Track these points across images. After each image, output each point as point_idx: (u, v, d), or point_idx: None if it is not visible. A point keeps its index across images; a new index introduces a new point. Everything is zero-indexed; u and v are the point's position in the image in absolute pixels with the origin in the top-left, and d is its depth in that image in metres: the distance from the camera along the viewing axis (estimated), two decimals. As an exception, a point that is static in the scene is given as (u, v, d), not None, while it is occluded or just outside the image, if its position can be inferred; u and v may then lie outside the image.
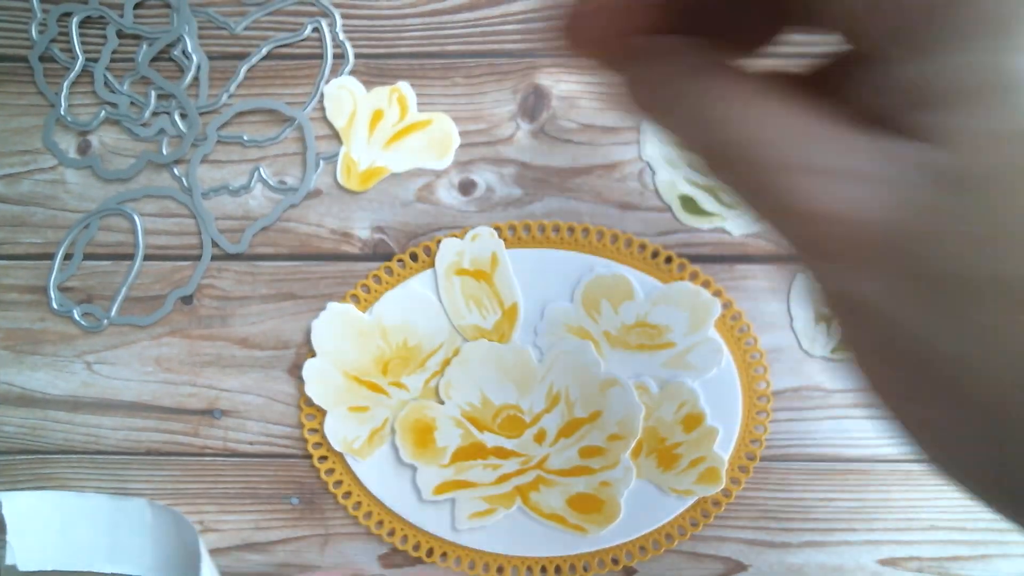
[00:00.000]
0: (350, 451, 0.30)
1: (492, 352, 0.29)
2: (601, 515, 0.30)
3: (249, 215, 0.31)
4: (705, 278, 0.30)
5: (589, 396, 0.29)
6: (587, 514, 0.30)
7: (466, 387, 0.30)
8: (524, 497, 0.30)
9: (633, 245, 0.30)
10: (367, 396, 0.30)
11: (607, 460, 0.30)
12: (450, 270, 0.30)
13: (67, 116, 0.31)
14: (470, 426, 0.30)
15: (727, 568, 0.31)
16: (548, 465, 0.30)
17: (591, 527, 0.30)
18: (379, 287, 0.30)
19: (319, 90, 0.31)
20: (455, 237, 0.30)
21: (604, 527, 0.30)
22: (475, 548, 0.31)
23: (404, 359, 0.30)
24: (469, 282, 0.30)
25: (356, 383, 0.30)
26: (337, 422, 0.30)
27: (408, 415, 0.30)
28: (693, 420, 0.30)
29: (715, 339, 0.30)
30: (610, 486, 0.30)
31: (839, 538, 0.31)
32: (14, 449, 0.32)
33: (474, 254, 0.29)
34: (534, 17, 0.31)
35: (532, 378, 0.30)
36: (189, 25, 0.31)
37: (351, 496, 0.31)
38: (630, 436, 0.29)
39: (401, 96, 0.30)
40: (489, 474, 0.30)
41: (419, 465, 0.30)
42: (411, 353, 0.30)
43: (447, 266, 0.30)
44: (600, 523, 0.30)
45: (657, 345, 0.30)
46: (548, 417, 0.30)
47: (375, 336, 0.30)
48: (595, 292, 0.29)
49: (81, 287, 0.31)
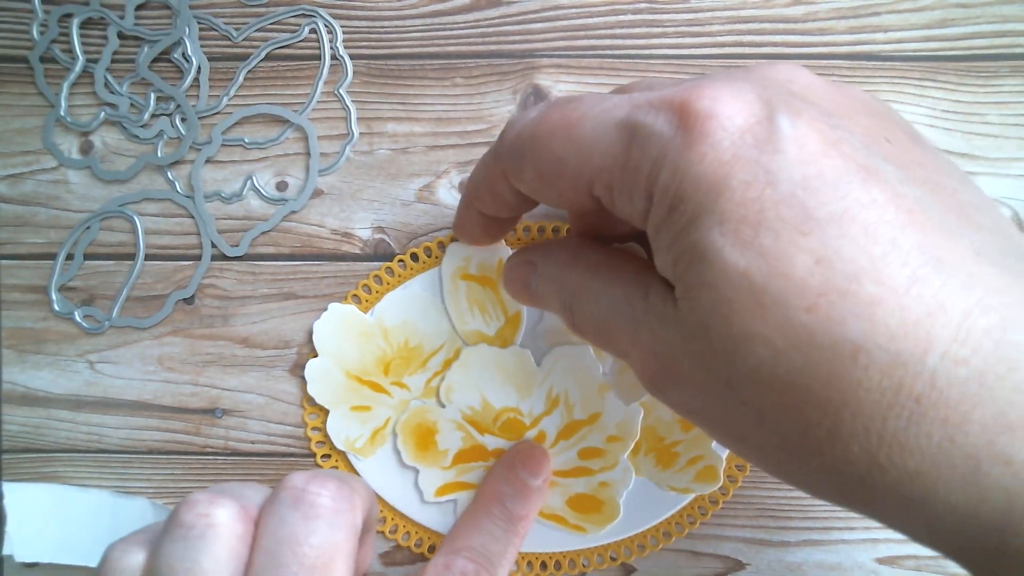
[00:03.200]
0: (352, 450, 0.30)
1: (492, 356, 0.30)
2: (600, 515, 0.30)
3: (251, 215, 0.31)
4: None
5: (588, 399, 0.30)
6: (586, 514, 0.30)
7: (467, 390, 0.30)
8: None
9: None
10: (369, 396, 0.30)
11: (606, 461, 0.30)
12: (456, 274, 0.30)
13: (67, 117, 0.31)
14: (471, 429, 0.30)
15: (726, 566, 0.31)
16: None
17: (590, 527, 0.30)
18: (380, 287, 0.31)
19: (318, 91, 0.31)
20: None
21: (603, 527, 0.30)
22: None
23: (405, 359, 0.30)
24: (475, 288, 0.30)
25: (358, 383, 0.30)
26: (339, 421, 0.30)
27: (410, 419, 0.30)
28: None
29: None
30: (609, 487, 0.30)
31: (837, 536, 0.31)
32: (17, 448, 0.32)
33: (481, 260, 0.30)
34: (534, 18, 0.31)
35: (532, 381, 0.30)
36: (190, 27, 0.31)
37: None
38: (628, 438, 0.30)
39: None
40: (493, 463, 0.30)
41: (421, 468, 0.30)
42: (412, 353, 0.30)
43: (453, 270, 0.30)
44: (599, 523, 0.30)
45: None
46: (548, 419, 0.30)
47: (376, 336, 0.30)
48: None
49: (83, 287, 0.32)
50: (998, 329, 0.15)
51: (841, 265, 0.16)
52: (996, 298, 0.15)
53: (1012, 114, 0.30)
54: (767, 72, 0.19)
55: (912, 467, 0.15)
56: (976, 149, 0.30)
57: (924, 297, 0.15)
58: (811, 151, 0.17)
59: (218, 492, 0.21)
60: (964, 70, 0.30)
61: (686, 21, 0.31)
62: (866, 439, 0.16)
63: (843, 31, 0.30)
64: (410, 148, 0.31)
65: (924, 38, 0.30)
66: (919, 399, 0.15)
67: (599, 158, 0.19)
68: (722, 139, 0.17)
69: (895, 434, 0.15)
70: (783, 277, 0.16)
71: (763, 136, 0.17)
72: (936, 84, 0.30)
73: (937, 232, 0.16)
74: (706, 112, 0.17)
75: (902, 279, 0.15)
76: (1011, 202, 0.30)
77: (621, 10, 0.31)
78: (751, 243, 0.16)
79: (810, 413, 0.16)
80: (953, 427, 0.15)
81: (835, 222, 0.16)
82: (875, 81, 0.30)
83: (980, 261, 0.16)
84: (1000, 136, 0.30)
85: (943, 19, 0.30)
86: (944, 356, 0.15)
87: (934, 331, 0.15)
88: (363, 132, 0.31)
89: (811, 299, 0.16)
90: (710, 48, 0.31)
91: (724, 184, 0.17)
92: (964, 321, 0.15)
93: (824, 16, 0.30)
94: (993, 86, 0.30)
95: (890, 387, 0.15)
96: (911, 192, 0.17)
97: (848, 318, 0.15)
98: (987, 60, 0.30)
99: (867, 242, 0.16)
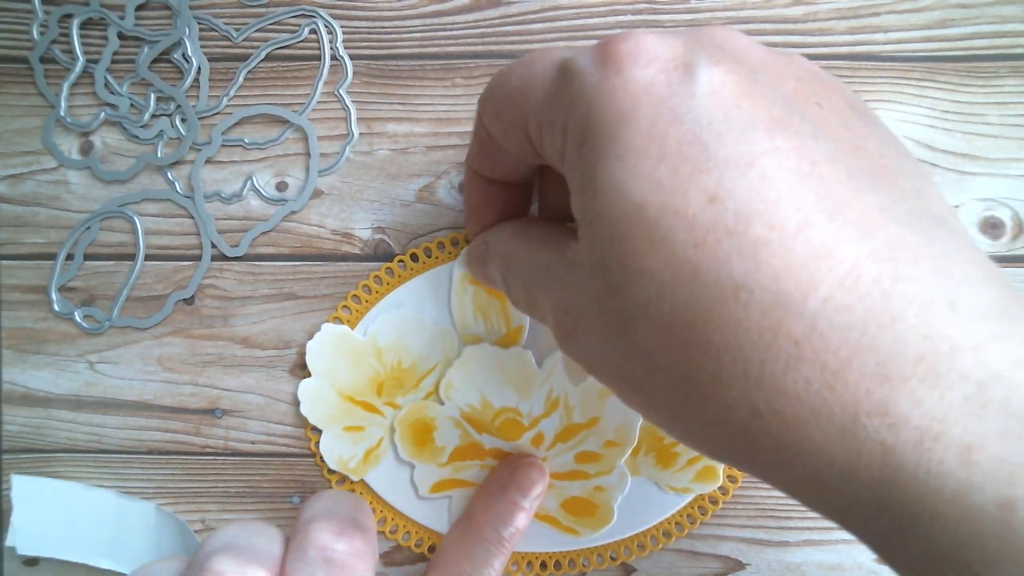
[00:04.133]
0: (346, 470, 0.30)
1: (493, 355, 0.30)
2: (594, 519, 0.30)
3: (251, 216, 0.31)
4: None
5: (588, 402, 0.30)
6: (580, 517, 0.30)
7: (467, 389, 0.30)
8: None
9: None
10: (362, 416, 0.30)
11: (602, 466, 0.30)
12: (465, 278, 0.30)
13: (67, 117, 0.31)
14: (469, 427, 0.30)
15: (725, 566, 0.31)
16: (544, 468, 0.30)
17: (583, 530, 0.30)
18: (380, 288, 0.31)
19: (318, 91, 0.31)
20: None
21: (596, 531, 0.30)
22: None
23: (398, 379, 0.30)
24: (481, 294, 0.30)
25: (351, 403, 0.30)
26: (332, 442, 0.30)
27: (408, 414, 0.30)
28: None
29: None
30: (604, 491, 0.30)
31: (837, 536, 0.31)
32: (18, 448, 0.32)
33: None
34: (534, 18, 0.31)
35: (532, 382, 0.30)
36: (190, 28, 0.31)
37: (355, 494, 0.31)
38: (626, 444, 0.30)
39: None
40: (486, 475, 0.30)
41: (417, 463, 0.30)
42: (405, 374, 0.30)
43: (463, 274, 0.30)
44: (593, 527, 0.30)
45: None
46: (546, 421, 0.30)
47: (369, 356, 0.30)
48: None
49: (83, 287, 0.32)
50: (888, 279, 0.15)
51: (733, 205, 0.16)
52: (892, 252, 0.15)
53: (1012, 114, 0.30)
54: (703, 30, 0.19)
55: (790, 414, 0.15)
56: (976, 149, 0.30)
57: (812, 242, 0.15)
58: (722, 96, 0.17)
59: (239, 555, 0.20)
60: (964, 70, 0.30)
61: (686, 21, 0.31)
62: (744, 383, 0.15)
63: (843, 31, 0.30)
64: (410, 148, 0.31)
65: (924, 38, 0.30)
66: (798, 342, 0.15)
67: (537, 94, 0.20)
68: (636, 76, 0.17)
69: (773, 378, 0.15)
70: (674, 213, 0.16)
71: (676, 78, 0.17)
72: (936, 84, 0.30)
73: (842, 186, 0.16)
74: (626, 51, 0.18)
75: (792, 223, 0.15)
76: (1011, 202, 0.30)
77: (621, 10, 0.31)
78: (648, 176, 0.16)
79: (694, 354, 0.16)
80: (831, 374, 0.15)
81: (734, 165, 0.16)
82: (875, 81, 0.30)
83: (885, 218, 0.16)
84: (1000, 136, 0.30)
85: (943, 19, 0.30)
86: (827, 300, 0.15)
87: (819, 275, 0.15)
88: (363, 132, 0.31)
89: (699, 235, 0.16)
90: (710, 48, 0.31)
91: (630, 117, 0.17)
92: (853, 268, 0.15)
93: (824, 16, 0.30)
94: (993, 86, 0.30)
95: (768, 327, 0.15)
96: (822, 146, 0.17)
97: (733, 256, 0.15)
98: (987, 60, 0.30)
99: (763, 186, 0.16)
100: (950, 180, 0.30)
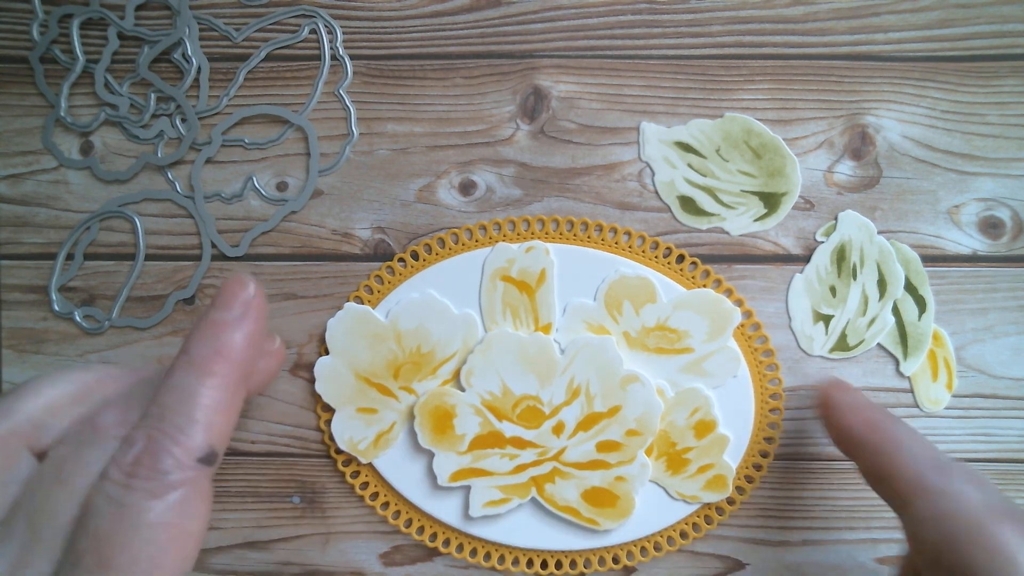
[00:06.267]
0: (355, 452, 0.30)
1: (514, 342, 0.30)
2: (615, 510, 0.30)
3: (251, 216, 0.31)
4: (728, 287, 0.30)
5: (609, 391, 0.30)
6: (601, 508, 0.30)
7: (487, 375, 0.30)
8: (539, 488, 0.30)
9: (646, 243, 0.30)
10: (376, 399, 0.30)
11: (623, 456, 0.30)
12: (496, 274, 0.30)
13: (67, 117, 0.31)
14: (489, 415, 0.30)
15: (726, 567, 0.31)
16: (565, 458, 0.30)
17: (604, 521, 0.30)
18: (381, 287, 0.31)
19: (318, 91, 0.31)
20: (509, 243, 0.30)
21: (617, 522, 0.30)
22: (488, 539, 0.31)
23: (416, 364, 0.30)
24: (512, 291, 0.30)
25: (367, 384, 0.30)
26: (344, 422, 0.30)
27: (428, 401, 0.30)
28: (705, 426, 0.30)
29: (733, 348, 0.30)
30: (625, 481, 0.30)
31: (837, 536, 0.31)
32: (18, 448, 0.32)
33: (524, 265, 0.30)
34: (534, 18, 0.31)
35: (553, 370, 0.30)
36: (190, 27, 0.31)
37: (368, 487, 0.31)
38: (647, 433, 0.30)
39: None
40: (506, 463, 0.30)
41: (437, 451, 0.30)
42: (424, 359, 0.30)
43: (495, 269, 0.30)
44: (613, 518, 0.30)
45: (675, 350, 0.30)
46: (567, 410, 0.30)
47: (389, 339, 0.30)
48: (619, 292, 0.30)
49: (83, 287, 0.32)
50: None
51: None
52: None
53: (1012, 114, 0.30)
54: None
55: None
56: (976, 149, 0.30)
57: None
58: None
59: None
60: (964, 70, 0.30)
61: (686, 21, 0.31)
62: None
63: (843, 31, 0.30)
64: (410, 148, 0.31)
65: (924, 38, 0.30)
66: None
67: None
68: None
69: None
70: None
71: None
72: (936, 84, 0.30)
73: None
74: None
75: None
76: (1011, 202, 0.30)
77: (621, 10, 0.31)
78: None
79: None
80: None
81: None
82: (875, 81, 0.30)
83: None
84: (1000, 136, 0.30)
85: (943, 19, 0.30)
86: None
87: None
88: (363, 132, 0.31)
89: None
90: (710, 48, 0.31)
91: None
92: None
93: (824, 16, 0.30)
94: (993, 86, 0.30)
95: None
96: None
97: None
98: (987, 60, 0.30)
99: None
100: (950, 180, 0.30)
